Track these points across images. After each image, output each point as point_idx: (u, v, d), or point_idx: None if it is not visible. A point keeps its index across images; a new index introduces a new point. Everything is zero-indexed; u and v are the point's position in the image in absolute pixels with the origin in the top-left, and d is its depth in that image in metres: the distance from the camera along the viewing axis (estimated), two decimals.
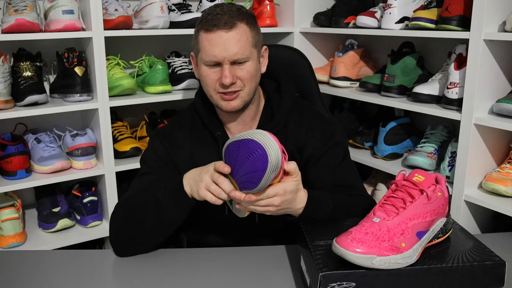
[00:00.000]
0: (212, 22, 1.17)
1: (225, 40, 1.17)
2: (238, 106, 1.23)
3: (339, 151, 1.29)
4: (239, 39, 1.18)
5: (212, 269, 1.11)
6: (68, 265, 1.14)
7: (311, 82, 1.59)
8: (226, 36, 1.17)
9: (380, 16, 1.91)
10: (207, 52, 1.19)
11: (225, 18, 1.17)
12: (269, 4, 2.15)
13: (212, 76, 1.21)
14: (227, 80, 1.17)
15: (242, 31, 1.19)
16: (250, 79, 1.21)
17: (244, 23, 1.19)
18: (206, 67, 1.21)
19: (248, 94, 1.23)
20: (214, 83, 1.21)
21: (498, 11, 1.50)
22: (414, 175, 0.98)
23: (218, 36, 1.17)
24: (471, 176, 1.62)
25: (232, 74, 1.19)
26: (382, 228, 0.90)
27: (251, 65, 1.21)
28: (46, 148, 1.81)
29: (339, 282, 0.87)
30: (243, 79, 1.20)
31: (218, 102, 1.24)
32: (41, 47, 1.90)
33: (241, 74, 1.20)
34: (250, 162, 0.95)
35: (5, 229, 1.71)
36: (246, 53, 1.19)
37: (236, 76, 1.19)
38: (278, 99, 1.31)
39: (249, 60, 1.20)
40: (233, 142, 0.98)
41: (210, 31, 1.18)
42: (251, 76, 1.21)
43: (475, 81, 1.53)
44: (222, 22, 1.17)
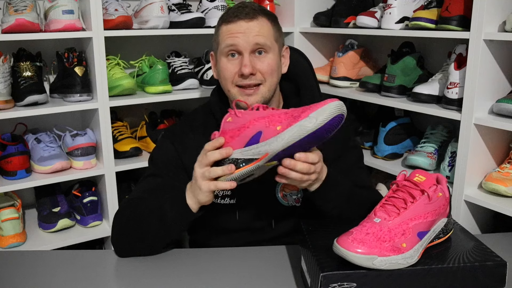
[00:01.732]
0: (233, 14, 1.18)
1: (245, 29, 1.17)
2: (257, 102, 1.19)
3: (354, 154, 1.28)
4: (261, 28, 1.18)
5: (212, 269, 1.11)
6: (68, 265, 1.14)
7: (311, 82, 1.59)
8: (246, 25, 1.17)
9: (380, 16, 1.91)
10: (227, 40, 1.18)
11: (247, 10, 1.18)
12: (269, 4, 2.15)
13: (230, 68, 1.19)
14: (246, 69, 1.16)
15: (263, 23, 1.19)
16: (271, 73, 1.20)
17: (265, 18, 1.20)
18: (225, 59, 1.20)
19: (269, 90, 1.21)
20: (233, 76, 1.19)
21: (498, 11, 1.50)
22: (415, 175, 0.99)
23: (238, 25, 1.17)
24: (471, 176, 1.62)
25: (252, 64, 1.17)
26: (383, 228, 0.90)
27: (272, 58, 1.20)
28: (46, 148, 1.81)
29: (340, 283, 0.87)
30: (263, 72, 1.19)
31: (236, 97, 1.21)
32: (41, 47, 1.90)
33: (261, 66, 1.18)
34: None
35: (5, 229, 1.71)
36: (267, 42, 1.18)
37: (256, 68, 1.18)
38: (296, 101, 1.29)
39: (270, 52, 1.19)
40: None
41: (231, 22, 1.18)
42: (272, 70, 1.20)
43: (475, 81, 1.53)
44: (244, 13, 1.17)
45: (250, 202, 1.23)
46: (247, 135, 0.99)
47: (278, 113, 1.00)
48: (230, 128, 1.02)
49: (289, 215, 1.27)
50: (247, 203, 1.24)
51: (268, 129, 0.97)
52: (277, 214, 1.27)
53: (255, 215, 1.26)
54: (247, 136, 0.99)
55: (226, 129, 1.03)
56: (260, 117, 1.00)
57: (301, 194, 1.26)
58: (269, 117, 0.99)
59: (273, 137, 0.97)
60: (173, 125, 1.41)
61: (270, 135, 0.97)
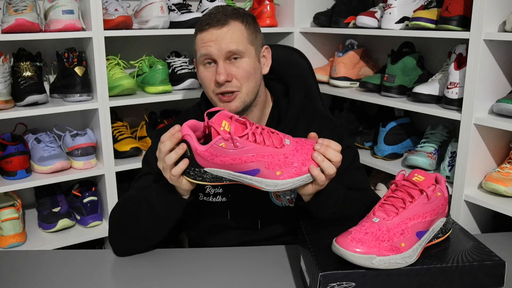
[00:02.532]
0: (205, 22, 1.18)
1: (216, 36, 1.17)
2: (237, 108, 1.20)
3: (348, 155, 1.28)
4: (232, 33, 1.17)
5: (212, 269, 1.11)
6: (68, 265, 1.14)
7: (311, 82, 1.59)
8: (217, 32, 1.17)
9: (380, 16, 1.91)
10: (200, 49, 1.19)
11: (218, 17, 1.18)
12: (269, 4, 2.15)
13: (208, 76, 1.20)
14: (221, 77, 1.16)
15: (235, 27, 1.18)
16: (247, 78, 1.19)
17: (238, 21, 1.19)
18: (202, 67, 1.21)
19: (247, 94, 1.20)
20: (211, 84, 1.20)
21: (498, 11, 1.50)
22: (414, 175, 0.98)
23: (210, 33, 1.17)
24: (471, 176, 1.62)
25: (227, 71, 1.17)
26: (382, 228, 0.90)
27: (247, 63, 1.19)
28: (46, 148, 1.81)
29: (339, 282, 0.87)
30: (239, 78, 1.18)
31: (217, 105, 1.21)
32: (41, 47, 1.90)
33: (236, 71, 1.18)
34: None
35: (5, 229, 1.71)
36: (240, 47, 1.17)
37: (232, 74, 1.18)
38: (286, 103, 1.29)
39: (244, 56, 1.19)
40: None
41: (203, 30, 1.18)
42: (247, 74, 1.19)
43: (475, 81, 1.53)
44: (215, 20, 1.17)
45: (242, 201, 1.23)
46: (242, 169, 0.98)
47: (278, 156, 0.97)
48: (222, 153, 0.96)
49: (282, 215, 1.27)
50: (238, 202, 1.24)
51: (268, 170, 0.98)
52: (270, 214, 1.27)
53: (247, 214, 1.26)
54: (241, 169, 0.98)
55: (217, 152, 0.95)
56: (260, 154, 0.97)
57: (295, 195, 1.26)
58: (269, 157, 0.97)
59: (270, 180, 0.98)
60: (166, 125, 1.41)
61: (268, 177, 0.98)
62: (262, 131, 0.99)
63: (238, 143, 0.94)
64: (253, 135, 0.96)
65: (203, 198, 1.26)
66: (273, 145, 0.98)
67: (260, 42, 1.26)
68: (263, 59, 1.27)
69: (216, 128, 0.94)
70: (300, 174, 0.99)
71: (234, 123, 0.96)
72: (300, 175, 0.99)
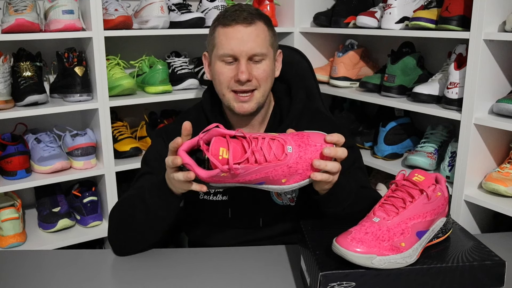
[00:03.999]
0: (231, 17, 1.17)
1: (243, 34, 1.16)
2: (252, 109, 1.20)
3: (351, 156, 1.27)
4: (258, 34, 1.17)
5: (212, 269, 1.11)
6: (68, 265, 1.14)
7: (311, 82, 1.59)
8: (244, 30, 1.16)
9: (380, 16, 1.92)
10: (224, 45, 1.17)
11: (244, 14, 1.17)
12: (269, 4, 2.15)
13: (227, 73, 1.19)
14: (243, 76, 1.15)
15: (260, 29, 1.18)
16: (266, 79, 1.20)
17: (262, 22, 1.19)
18: (221, 63, 1.19)
19: (263, 95, 1.21)
20: (229, 81, 1.19)
21: (498, 11, 1.50)
22: (414, 175, 0.98)
23: (236, 30, 1.16)
24: (471, 176, 1.62)
25: (249, 70, 1.17)
26: (382, 227, 0.90)
27: (267, 65, 1.20)
28: (46, 148, 1.81)
29: (339, 282, 0.87)
30: (259, 79, 1.19)
31: (230, 103, 1.21)
32: (41, 47, 1.90)
33: (257, 73, 1.18)
34: None
35: (5, 229, 1.71)
36: (264, 50, 1.18)
37: (252, 74, 1.18)
38: (287, 102, 1.29)
39: (266, 58, 1.19)
40: None
41: (228, 26, 1.17)
42: (267, 76, 1.20)
43: (475, 81, 1.53)
44: (241, 18, 1.16)
45: (243, 199, 1.23)
46: (248, 183, 0.97)
47: (281, 167, 0.96)
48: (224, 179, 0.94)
49: (283, 214, 1.27)
50: (239, 200, 1.24)
51: (273, 180, 0.98)
52: (271, 213, 1.27)
53: (247, 213, 1.27)
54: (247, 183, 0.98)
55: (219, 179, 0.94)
56: (263, 172, 0.96)
57: (296, 194, 1.26)
58: (273, 171, 0.96)
59: (277, 186, 0.99)
60: (166, 125, 1.41)
61: (274, 184, 0.99)
62: (262, 143, 0.96)
63: (239, 170, 0.93)
64: (252, 154, 0.94)
65: (203, 197, 1.26)
66: (275, 158, 0.96)
67: (277, 46, 1.27)
68: (276, 63, 1.28)
69: (214, 161, 0.91)
70: (305, 178, 1.00)
71: (232, 145, 0.93)
72: (305, 178, 1.00)
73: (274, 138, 0.98)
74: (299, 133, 1.02)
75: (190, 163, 0.94)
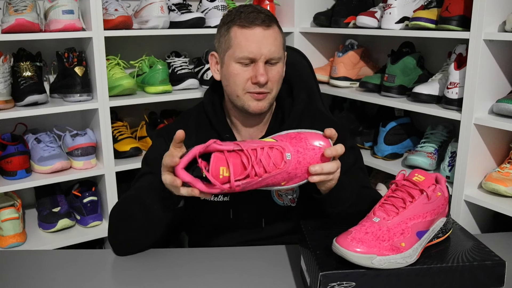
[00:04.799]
0: (249, 19, 1.16)
1: (262, 38, 1.16)
2: (265, 108, 1.21)
3: (351, 156, 1.28)
4: (276, 38, 1.18)
5: (212, 269, 1.11)
6: (68, 265, 1.14)
7: (311, 82, 1.59)
8: (264, 33, 1.16)
9: (380, 16, 1.92)
10: (243, 48, 1.16)
11: (262, 17, 1.17)
12: (269, 4, 2.15)
13: (243, 74, 1.18)
14: (263, 78, 1.15)
15: (277, 32, 1.19)
16: (278, 82, 1.21)
17: (277, 26, 1.20)
18: (237, 65, 1.18)
19: (274, 97, 1.23)
20: (245, 83, 1.18)
21: (498, 11, 1.51)
22: (414, 175, 0.98)
23: (256, 32, 1.16)
24: (471, 176, 1.62)
25: (267, 73, 1.17)
26: (382, 227, 0.90)
27: (281, 67, 1.21)
28: (46, 148, 1.81)
29: (339, 282, 0.87)
30: (273, 81, 1.19)
31: (245, 103, 1.20)
32: (41, 47, 1.90)
33: (272, 75, 1.19)
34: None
35: (5, 229, 1.71)
36: (280, 54, 1.19)
37: (268, 76, 1.18)
38: (289, 103, 1.30)
39: (280, 61, 1.20)
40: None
41: (247, 27, 1.16)
42: (279, 78, 1.21)
43: (475, 81, 1.53)
44: (260, 20, 1.16)
45: (244, 200, 1.23)
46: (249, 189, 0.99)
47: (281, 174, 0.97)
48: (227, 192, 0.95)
49: (284, 215, 1.27)
50: (241, 201, 1.24)
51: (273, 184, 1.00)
52: (272, 214, 1.27)
53: (249, 214, 1.27)
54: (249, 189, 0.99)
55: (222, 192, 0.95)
56: (263, 181, 0.97)
57: (297, 194, 1.26)
58: (273, 178, 0.97)
59: (276, 187, 1.01)
60: (167, 125, 1.41)
61: (274, 186, 1.00)
62: (261, 154, 0.95)
63: (241, 186, 0.94)
64: (252, 168, 0.94)
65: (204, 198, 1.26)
66: (275, 167, 0.96)
67: (285, 48, 1.27)
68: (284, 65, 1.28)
69: (215, 183, 0.90)
70: (304, 179, 1.01)
71: (231, 161, 0.92)
72: (304, 180, 1.01)
73: (272, 146, 0.97)
74: (297, 135, 1.01)
75: (191, 181, 0.93)
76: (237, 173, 0.93)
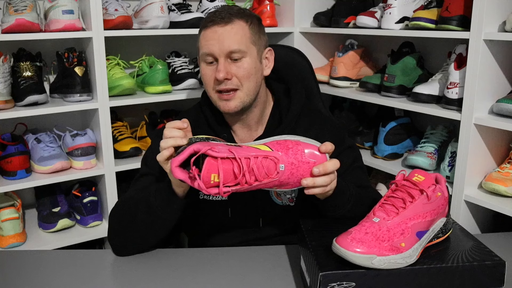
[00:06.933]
0: (209, 19, 1.19)
1: (219, 34, 1.17)
2: (236, 107, 1.20)
3: (349, 155, 1.28)
4: (235, 33, 1.17)
5: (212, 269, 1.11)
6: (68, 265, 1.14)
7: (311, 82, 1.59)
8: (221, 30, 1.17)
9: (380, 16, 1.92)
10: (203, 47, 1.19)
11: (222, 15, 1.18)
12: (269, 4, 2.15)
13: (209, 73, 1.20)
14: (220, 74, 1.16)
15: (238, 27, 1.18)
16: (248, 78, 1.19)
17: (242, 21, 1.19)
18: (204, 64, 1.21)
19: (247, 94, 1.20)
20: (211, 81, 1.20)
21: (498, 11, 1.50)
22: (414, 175, 0.98)
23: (213, 31, 1.17)
24: (471, 176, 1.62)
25: (227, 70, 1.17)
26: (382, 228, 0.90)
27: (248, 63, 1.19)
28: (46, 148, 1.81)
29: (339, 282, 0.87)
30: (240, 77, 1.18)
31: (216, 102, 1.22)
32: (41, 47, 1.90)
33: (237, 71, 1.18)
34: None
35: (5, 229, 1.71)
36: (242, 47, 1.17)
37: (232, 73, 1.18)
38: (287, 103, 1.29)
39: (246, 56, 1.19)
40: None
41: (207, 28, 1.18)
42: (248, 74, 1.19)
43: (475, 81, 1.53)
44: (219, 18, 1.17)
45: (243, 199, 1.23)
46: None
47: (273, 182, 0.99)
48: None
49: (283, 214, 1.27)
50: (239, 200, 1.24)
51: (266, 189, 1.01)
52: (270, 213, 1.27)
53: (247, 213, 1.27)
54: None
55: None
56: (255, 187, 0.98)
57: (295, 194, 1.26)
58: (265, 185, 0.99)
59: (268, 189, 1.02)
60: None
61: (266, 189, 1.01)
62: (254, 164, 0.96)
63: (229, 193, 0.95)
64: (243, 177, 0.95)
65: (203, 197, 1.26)
66: (267, 176, 0.97)
67: (263, 44, 1.26)
68: (265, 61, 1.27)
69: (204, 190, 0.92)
70: (295, 187, 1.03)
71: (222, 168, 0.93)
72: (295, 187, 1.03)
73: (267, 156, 0.98)
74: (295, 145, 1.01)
75: (185, 179, 0.95)
76: (227, 181, 0.94)
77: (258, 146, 1.00)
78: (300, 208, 1.26)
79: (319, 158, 1.00)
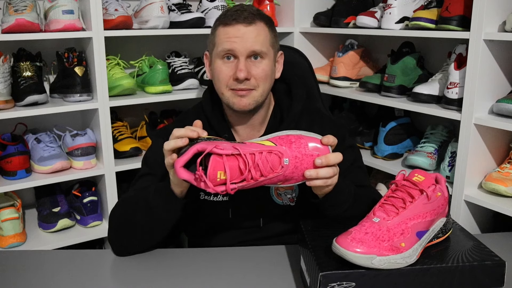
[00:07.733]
0: (231, 17, 1.18)
1: (243, 33, 1.17)
2: (249, 105, 1.20)
3: (350, 155, 1.28)
4: (259, 33, 1.18)
5: (212, 269, 1.11)
6: (68, 265, 1.14)
7: (311, 82, 1.59)
8: (244, 29, 1.17)
9: (380, 16, 1.92)
10: (224, 43, 1.18)
11: (245, 14, 1.18)
12: (269, 4, 2.15)
13: (225, 71, 1.19)
14: (241, 74, 1.15)
15: (260, 28, 1.19)
16: (265, 79, 1.20)
17: (263, 23, 1.20)
18: (220, 61, 1.20)
19: (261, 95, 1.21)
20: (227, 79, 1.19)
21: (498, 11, 1.50)
22: (414, 175, 0.98)
23: (236, 29, 1.17)
24: (471, 176, 1.62)
25: (247, 69, 1.17)
26: (382, 228, 0.90)
27: (267, 64, 1.20)
28: (46, 148, 1.81)
29: (339, 282, 0.87)
30: (258, 78, 1.19)
31: (229, 100, 1.21)
32: (41, 47, 1.90)
33: (256, 72, 1.18)
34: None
35: (5, 229, 1.71)
36: (264, 49, 1.18)
37: (251, 73, 1.18)
38: (288, 103, 1.29)
39: (266, 58, 1.19)
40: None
41: (229, 25, 1.17)
42: (266, 76, 1.20)
43: (475, 81, 1.53)
44: (242, 17, 1.17)
45: (243, 200, 1.23)
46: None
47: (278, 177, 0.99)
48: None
49: (283, 214, 1.27)
50: (240, 200, 1.24)
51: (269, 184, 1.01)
52: (271, 213, 1.27)
53: (248, 213, 1.27)
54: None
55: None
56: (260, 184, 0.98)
57: (296, 194, 1.26)
58: (269, 180, 0.99)
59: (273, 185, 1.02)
60: (166, 125, 1.41)
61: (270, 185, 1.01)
62: (259, 159, 0.96)
63: (237, 189, 0.95)
64: (249, 172, 0.95)
65: (204, 197, 1.26)
66: (272, 171, 0.97)
67: (277, 47, 1.27)
68: (277, 64, 1.28)
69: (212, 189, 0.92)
70: (300, 181, 1.02)
71: (228, 164, 0.93)
72: (299, 181, 1.02)
73: (271, 151, 0.98)
74: (297, 139, 1.01)
75: (189, 179, 0.95)
76: (234, 177, 0.94)
77: (261, 142, 1.00)
78: (300, 208, 1.26)
79: (321, 151, 1.01)
